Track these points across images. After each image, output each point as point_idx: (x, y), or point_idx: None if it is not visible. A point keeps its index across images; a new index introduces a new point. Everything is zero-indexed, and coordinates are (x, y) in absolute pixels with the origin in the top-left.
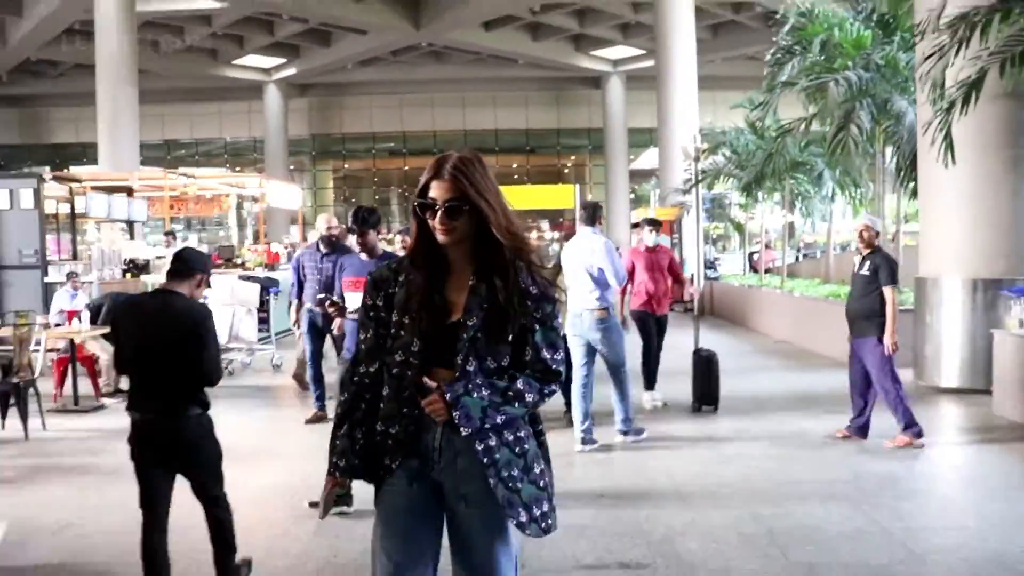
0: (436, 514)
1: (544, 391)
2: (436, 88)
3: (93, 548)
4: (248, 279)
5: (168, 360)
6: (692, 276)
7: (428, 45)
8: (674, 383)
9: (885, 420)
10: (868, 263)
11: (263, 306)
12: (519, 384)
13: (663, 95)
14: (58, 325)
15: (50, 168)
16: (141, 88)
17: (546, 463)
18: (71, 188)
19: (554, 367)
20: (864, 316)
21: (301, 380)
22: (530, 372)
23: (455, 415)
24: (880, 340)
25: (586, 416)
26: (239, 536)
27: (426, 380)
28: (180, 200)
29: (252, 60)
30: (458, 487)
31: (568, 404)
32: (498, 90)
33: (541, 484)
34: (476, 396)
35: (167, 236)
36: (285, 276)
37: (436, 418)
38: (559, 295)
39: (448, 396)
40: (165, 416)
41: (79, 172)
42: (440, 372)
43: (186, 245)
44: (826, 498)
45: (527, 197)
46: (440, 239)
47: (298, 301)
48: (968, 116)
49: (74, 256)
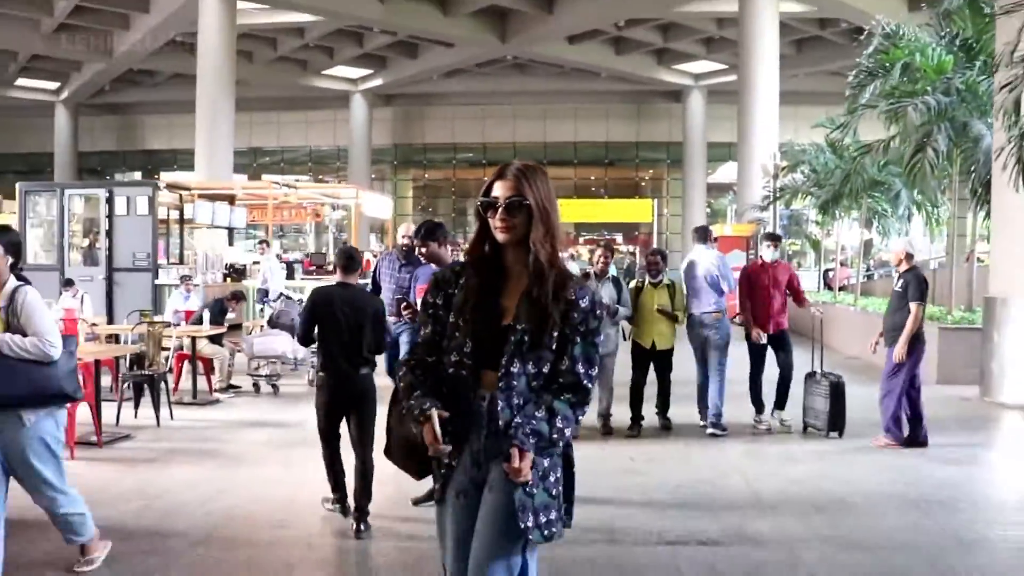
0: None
1: (578, 416)
2: (518, 100)
3: (234, 519)
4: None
5: (351, 334)
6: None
7: (512, 58)
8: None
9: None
10: (902, 280)
11: None
12: (559, 422)
13: (744, 110)
14: (175, 325)
15: (142, 173)
16: None
17: (567, 471)
18: (181, 196)
19: (584, 382)
20: (894, 328)
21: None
22: (561, 382)
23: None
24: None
25: (715, 405)
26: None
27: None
28: (278, 208)
29: (340, 71)
30: (488, 477)
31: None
32: (579, 103)
33: (553, 492)
34: (533, 442)
35: (261, 244)
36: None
37: (525, 476)
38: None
39: (527, 450)
40: (347, 374)
41: (188, 181)
42: (488, 375)
43: (348, 245)
44: (888, 499)
45: (606, 211)
46: (499, 237)
47: None
48: None
49: (181, 260)
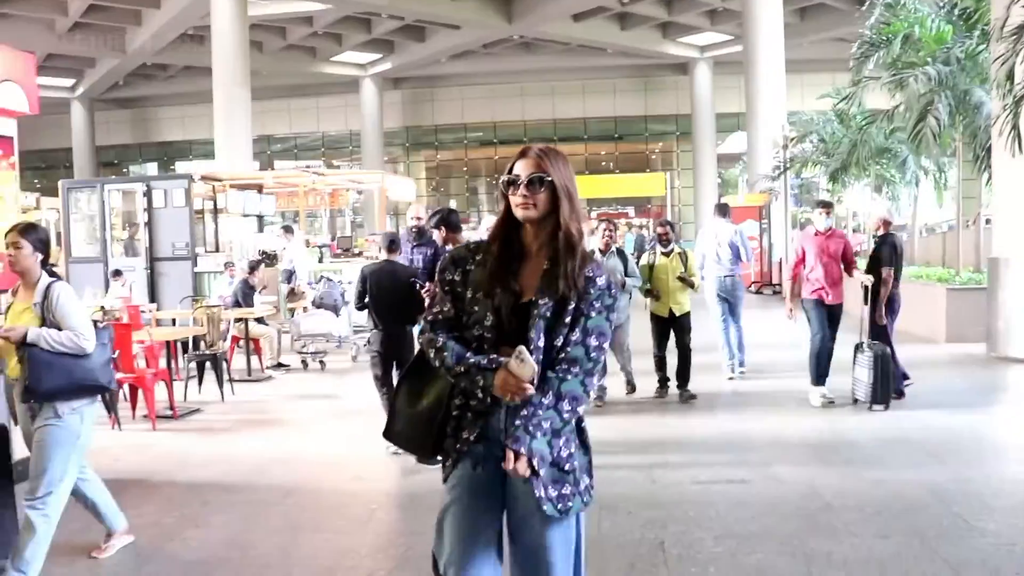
0: (499, 495)
1: (588, 390)
2: (526, 79)
3: (314, 475)
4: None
5: (392, 298)
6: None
7: (519, 37)
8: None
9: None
10: (875, 245)
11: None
12: (567, 404)
13: (751, 80)
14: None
15: (158, 165)
16: None
17: (583, 448)
18: (214, 187)
19: (593, 354)
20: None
21: None
22: (569, 353)
23: (535, 465)
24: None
25: (732, 354)
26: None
27: (512, 375)
28: (305, 195)
29: (349, 56)
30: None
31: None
32: (587, 79)
33: (566, 467)
34: (540, 435)
35: (284, 231)
36: None
37: (523, 474)
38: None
39: (523, 451)
40: (393, 329)
41: (220, 172)
42: (506, 350)
43: (391, 231)
44: (901, 443)
45: (620, 185)
46: (520, 214)
47: None
48: None
49: (216, 248)
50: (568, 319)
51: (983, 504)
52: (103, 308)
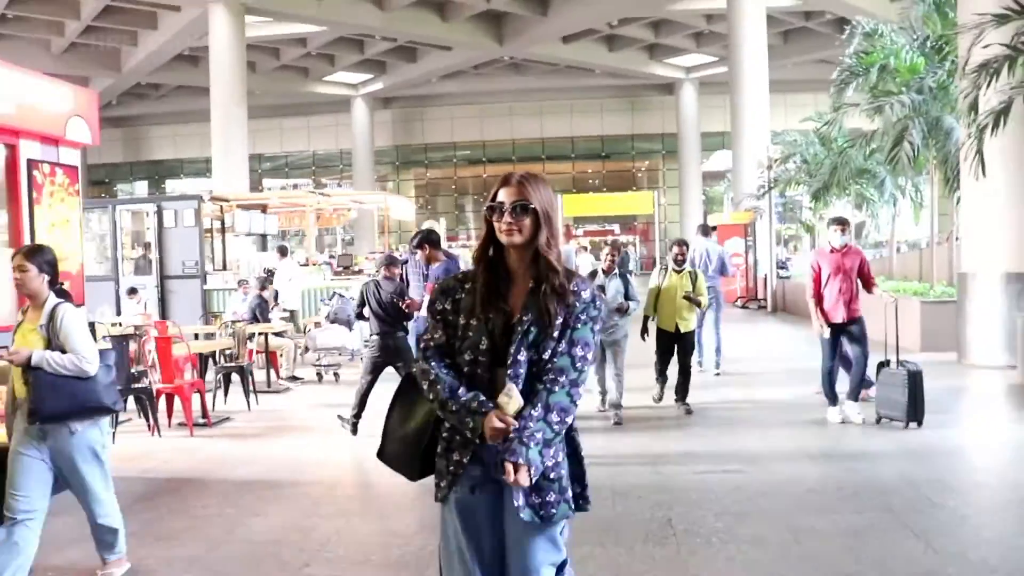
0: (499, 515)
1: (575, 400)
2: (515, 98)
3: (354, 471)
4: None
5: (388, 309)
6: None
7: (509, 58)
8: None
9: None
10: None
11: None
12: (556, 415)
13: (735, 101)
14: (234, 323)
15: (148, 183)
16: None
17: (572, 457)
18: (221, 207)
19: (579, 364)
20: None
21: None
22: (556, 363)
23: (532, 474)
24: None
25: (718, 350)
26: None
27: (499, 419)
28: (308, 214)
29: (341, 76)
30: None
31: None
32: (575, 98)
33: (551, 476)
34: (534, 445)
35: (279, 252)
36: None
37: (525, 484)
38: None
39: (521, 461)
40: (388, 335)
41: (227, 193)
42: (501, 373)
43: (389, 252)
44: (879, 437)
45: (610, 204)
46: (504, 240)
47: None
48: (1000, 137)
49: (224, 266)
50: (556, 332)
51: (945, 486)
52: (133, 326)
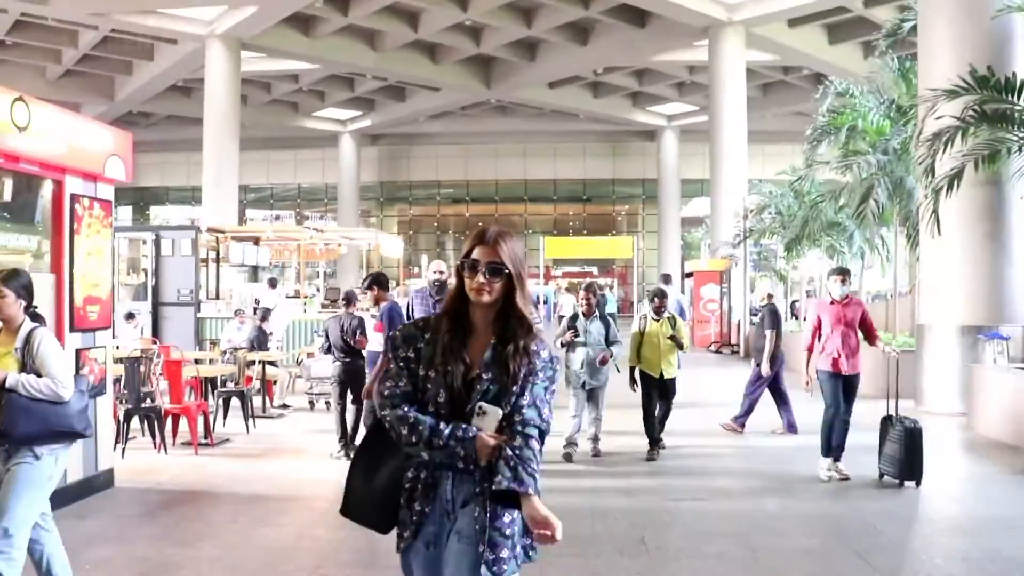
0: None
1: (538, 455)
2: (500, 139)
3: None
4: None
5: (348, 340)
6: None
7: (496, 101)
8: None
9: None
10: (760, 314)
11: None
12: (531, 448)
13: (715, 151)
14: (235, 351)
15: (132, 209)
16: None
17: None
18: (217, 238)
19: (539, 423)
20: (757, 349)
21: None
22: (519, 419)
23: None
24: (759, 364)
25: None
26: None
27: (490, 436)
28: (295, 249)
29: (330, 112)
30: (456, 525)
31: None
32: (558, 142)
33: (507, 532)
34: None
35: (269, 283)
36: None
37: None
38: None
39: (530, 491)
40: (348, 363)
41: (222, 225)
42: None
43: (350, 290)
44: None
45: (591, 248)
46: (474, 298)
47: None
48: (955, 199)
49: (217, 295)
50: (516, 388)
51: (890, 515)
52: (140, 349)
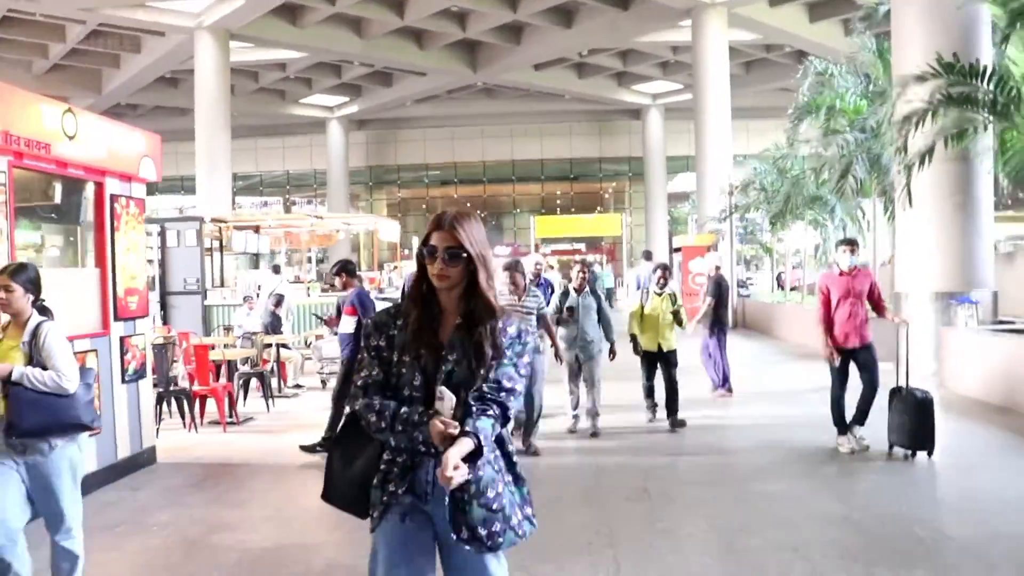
0: (430, 546)
1: (498, 431)
2: (486, 121)
3: None
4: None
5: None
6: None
7: (482, 84)
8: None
9: None
10: (707, 284)
11: None
12: (496, 409)
13: (699, 128)
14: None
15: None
16: None
17: (515, 481)
18: (220, 228)
19: (503, 397)
20: (704, 316)
21: None
22: (482, 394)
23: (482, 441)
24: (710, 329)
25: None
26: None
27: (441, 422)
28: (294, 235)
29: (318, 99)
30: (433, 510)
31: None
32: (544, 122)
33: (494, 507)
34: (484, 419)
35: (273, 270)
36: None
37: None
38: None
39: (468, 428)
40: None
41: (225, 215)
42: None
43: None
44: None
45: (581, 225)
46: (436, 284)
47: None
48: (927, 174)
49: (221, 283)
50: (482, 369)
51: (866, 457)
52: (163, 336)
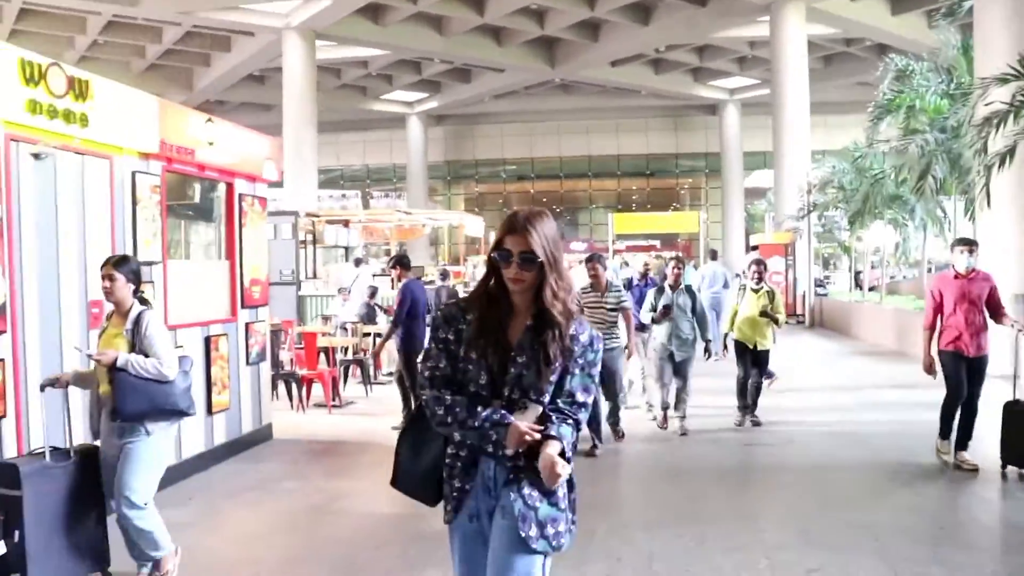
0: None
1: (578, 430)
2: (563, 117)
3: None
4: None
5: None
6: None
7: (559, 80)
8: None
9: None
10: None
11: None
12: (571, 421)
13: (777, 124)
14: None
15: None
16: None
17: (568, 485)
18: (314, 222)
19: (577, 411)
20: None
21: None
22: (559, 405)
23: (567, 451)
24: None
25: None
26: None
27: (524, 426)
28: (377, 229)
29: (398, 95)
30: (499, 503)
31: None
32: (621, 118)
33: (561, 506)
34: (565, 427)
35: (355, 262)
36: None
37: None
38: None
39: (553, 433)
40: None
41: (318, 209)
42: (496, 403)
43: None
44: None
45: (660, 222)
46: (511, 288)
47: None
48: (1008, 174)
49: (314, 275)
50: (553, 377)
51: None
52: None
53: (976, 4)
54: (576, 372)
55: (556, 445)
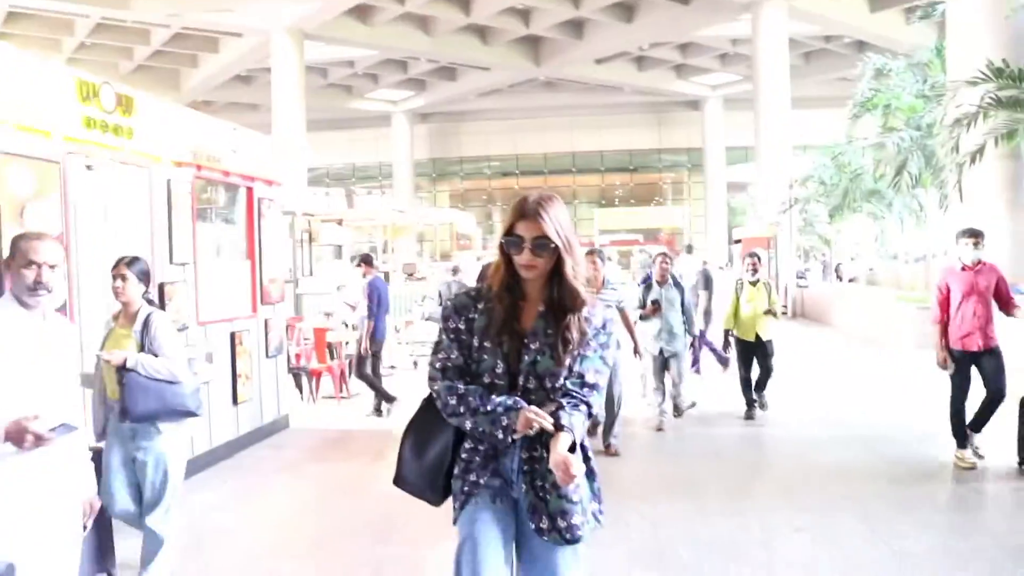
0: (511, 530)
1: (591, 413)
2: (547, 114)
3: None
4: None
5: None
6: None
7: (543, 78)
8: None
9: None
10: (696, 278)
11: None
12: (583, 406)
13: (759, 119)
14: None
15: None
16: None
17: (589, 475)
18: (309, 221)
19: (587, 392)
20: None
21: None
22: (568, 387)
23: (577, 438)
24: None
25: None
26: None
27: (533, 413)
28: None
29: (383, 94)
30: (517, 495)
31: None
32: (604, 114)
33: (574, 499)
34: (577, 414)
35: (352, 260)
36: None
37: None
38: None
39: (564, 423)
40: None
41: (313, 209)
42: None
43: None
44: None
45: (642, 217)
46: (524, 274)
47: None
48: (980, 171)
49: (311, 272)
50: (568, 358)
51: (926, 434)
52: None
53: (948, 8)
54: (588, 354)
55: (567, 439)
